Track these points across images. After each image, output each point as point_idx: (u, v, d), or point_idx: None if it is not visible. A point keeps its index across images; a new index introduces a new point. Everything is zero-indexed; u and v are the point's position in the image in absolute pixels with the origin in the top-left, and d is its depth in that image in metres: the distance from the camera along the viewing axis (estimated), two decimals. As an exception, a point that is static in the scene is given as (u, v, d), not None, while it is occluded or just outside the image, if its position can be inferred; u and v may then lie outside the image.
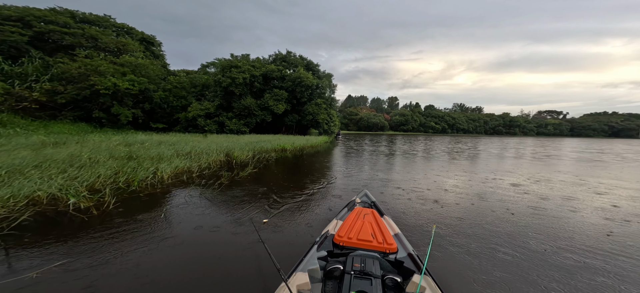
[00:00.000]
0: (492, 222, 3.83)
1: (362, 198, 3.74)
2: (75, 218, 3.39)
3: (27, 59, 18.38)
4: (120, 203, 3.96)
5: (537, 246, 3.06)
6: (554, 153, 16.60)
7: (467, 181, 7.00)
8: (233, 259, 2.56)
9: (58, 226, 3.15)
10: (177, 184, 5.27)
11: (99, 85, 17.89)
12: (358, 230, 2.42)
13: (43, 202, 3.76)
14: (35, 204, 3.69)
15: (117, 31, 26.27)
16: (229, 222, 3.51)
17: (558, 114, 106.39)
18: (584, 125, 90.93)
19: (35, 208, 3.57)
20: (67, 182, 4.35)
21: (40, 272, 2.22)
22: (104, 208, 3.73)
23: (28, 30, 19.07)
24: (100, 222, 3.29)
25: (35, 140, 9.98)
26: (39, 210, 3.56)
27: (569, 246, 3.09)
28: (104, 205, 3.81)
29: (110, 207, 3.77)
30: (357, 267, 1.82)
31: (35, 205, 3.67)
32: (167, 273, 2.29)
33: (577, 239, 3.28)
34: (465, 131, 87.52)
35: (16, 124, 14.63)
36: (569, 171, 9.39)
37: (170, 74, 28.36)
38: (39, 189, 3.90)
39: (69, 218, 3.37)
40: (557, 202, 5.09)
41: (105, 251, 2.62)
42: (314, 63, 32.07)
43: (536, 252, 2.90)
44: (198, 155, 8.94)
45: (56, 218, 3.39)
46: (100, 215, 3.51)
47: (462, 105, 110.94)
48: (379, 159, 11.79)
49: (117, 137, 13.26)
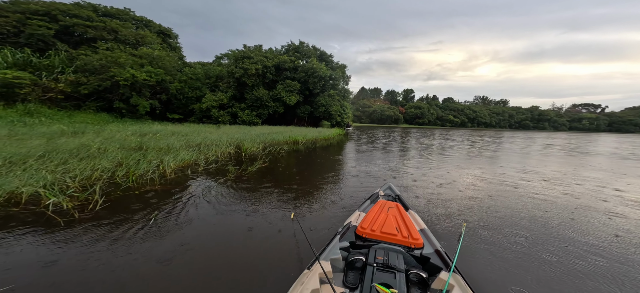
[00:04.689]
0: (526, 221, 3.63)
1: (386, 191, 3.68)
2: (51, 222, 2.96)
3: (53, 52, 19.23)
4: (109, 203, 3.60)
5: (576, 250, 2.82)
6: (588, 150, 14.84)
7: (494, 177, 6.18)
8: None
9: (29, 232, 2.73)
10: (180, 180, 4.98)
11: (119, 76, 18.38)
12: (382, 223, 2.40)
13: (22, 202, 3.40)
14: (16, 203, 3.37)
15: (136, 24, 26.88)
16: (227, 232, 3.10)
17: (595, 107, 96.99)
18: (625, 120, 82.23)
19: (11, 208, 3.22)
20: (60, 176, 4.16)
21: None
22: (89, 209, 3.36)
23: (54, 23, 19.88)
24: (77, 229, 2.83)
25: (55, 129, 10.30)
26: (16, 210, 3.21)
27: (616, 253, 2.75)
28: (90, 205, 3.46)
29: (98, 207, 3.42)
30: (380, 260, 1.80)
31: (15, 204, 3.34)
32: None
33: (626, 247, 2.90)
34: (488, 125, 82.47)
35: (42, 113, 15.39)
36: (607, 168, 8.24)
37: (186, 66, 28.74)
38: (25, 185, 3.67)
39: (44, 221, 2.97)
40: (600, 204, 4.47)
41: (69, 268, 2.17)
42: (327, 53, 31.07)
43: (578, 257, 2.68)
44: (207, 147, 8.74)
45: (30, 219, 3.00)
46: (81, 218, 3.10)
47: (485, 98, 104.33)
48: (393, 152, 11.05)
49: (133, 127, 13.53)
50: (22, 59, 17.35)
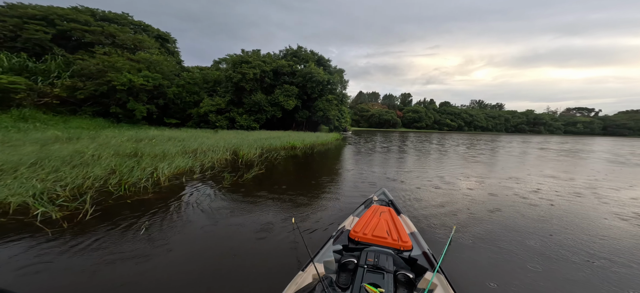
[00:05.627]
0: (516, 225, 3.74)
1: (380, 196, 3.76)
2: (39, 233, 2.87)
3: (50, 56, 19.15)
4: (100, 212, 3.53)
5: (565, 257, 2.88)
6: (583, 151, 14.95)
7: (488, 181, 6.18)
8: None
9: (14, 242, 2.65)
10: (174, 188, 4.92)
11: (115, 81, 18.31)
12: (374, 226, 2.47)
13: (10, 211, 3.29)
14: (4, 213, 3.27)
15: (134, 28, 26.88)
16: (219, 241, 3.04)
17: (589, 111, 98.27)
18: (619, 124, 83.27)
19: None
20: (51, 185, 4.08)
21: None
22: (78, 219, 3.26)
23: (51, 28, 19.84)
24: (64, 239, 2.76)
25: (49, 135, 10.17)
26: (4, 220, 3.13)
27: (601, 257, 2.86)
28: (80, 215, 3.39)
29: (87, 217, 3.33)
30: (370, 262, 1.87)
31: (3, 214, 3.25)
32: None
33: (612, 249, 3.03)
34: (484, 129, 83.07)
35: (37, 118, 15.23)
36: (601, 171, 8.38)
37: (184, 70, 28.73)
38: (14, 194, 3.59)
39: (32, 232, 2.89)
40: (588, 208, 4.65)
41: (51, 280, 2.12)
42: (325, 58, 31.28)
43: (565, 263, 2.76)
44: (204, 153, 8.67)
45: (17, 230, 2.91)
46: (70, 228, 3.00)
47: (481, 102, 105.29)
48: (391, 156, 11.04)
49: (130, 132, 13.42)
50: (18, 63, 17.23)
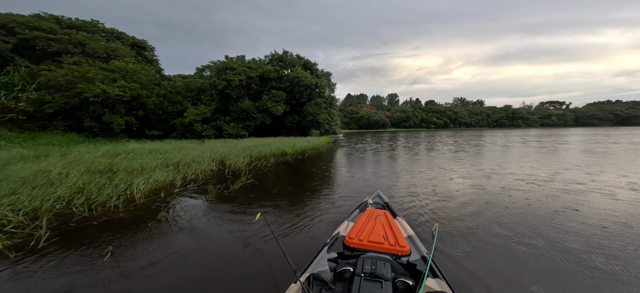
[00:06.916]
0: (509, 218, 3.71)
1: (375, 199, 3.61)
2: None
3: (12, 68, 17.63)
4: (58, 237, 3.03)
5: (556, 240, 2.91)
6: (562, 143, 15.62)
7: (475, 176, 6.14)
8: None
9: None
10: (151, 204, 4.39)
11: (88, 93, 17.11)
12: (369, 231, 2.36)
13: None
14: None
15: (106, 36, 25.50)
16: (199, 260, 2.63)
17: (560, 105, 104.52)
18: (589, 115, 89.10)
19: None
20: (2, 210, 3.47)
21: None
22: (30, 246, 2.81)
23: (12, 37, 18.32)
24: (8, 271, 2.32)
25: (14, 154, 9.17)
26: None
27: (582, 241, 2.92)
28: (32, 242, 2.88)
29: (41, 243, 2.86)
30: (367, 270, 1.78)
31: None
32: None
33: (593, 235, 3.09)
34: (468, 125, 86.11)
35: (2, 136, 13.87)
36: (579, 159, 8.68)
37: (164, 79, 27.53)
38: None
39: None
40: (569, 194, 4.76)
41: None
42: (311, 62, 31.16)
43: (561, 250, 2.77)
44: (187, 165, 8.09)
45: None
46: (18, 257, 2.54)
47: (463, 99, 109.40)
48: (382, 157, 10.90)
49: (106, 147, 12.45)
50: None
